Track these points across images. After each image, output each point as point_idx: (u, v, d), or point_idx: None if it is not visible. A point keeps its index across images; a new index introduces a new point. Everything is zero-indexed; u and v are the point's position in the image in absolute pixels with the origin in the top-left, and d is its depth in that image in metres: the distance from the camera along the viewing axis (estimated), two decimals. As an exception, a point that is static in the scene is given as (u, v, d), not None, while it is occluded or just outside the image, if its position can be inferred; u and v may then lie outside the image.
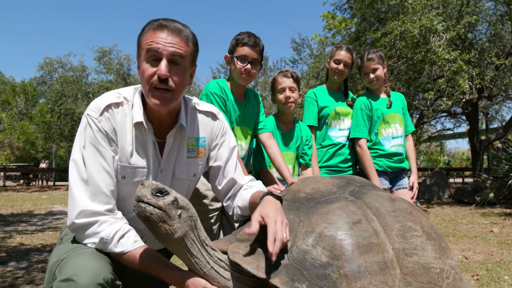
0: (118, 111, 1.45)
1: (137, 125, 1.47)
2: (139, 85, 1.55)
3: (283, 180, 2.38)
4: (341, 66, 2.85)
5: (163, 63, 1.38)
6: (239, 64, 2.23)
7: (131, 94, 1.51)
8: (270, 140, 2.40)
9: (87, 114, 1.41)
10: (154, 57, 1.39)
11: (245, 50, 2.22)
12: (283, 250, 1.29)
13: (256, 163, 2.55)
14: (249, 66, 2.23)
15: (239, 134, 2.33)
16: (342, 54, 2.85)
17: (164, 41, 1.38)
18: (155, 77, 1.38)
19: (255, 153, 2.57)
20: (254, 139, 2.52)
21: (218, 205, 2.16)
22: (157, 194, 1.18)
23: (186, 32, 1.45)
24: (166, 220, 1.18)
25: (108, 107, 1.43)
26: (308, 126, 2.83)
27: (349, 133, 2.93)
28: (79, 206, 1.32)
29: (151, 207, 1.16)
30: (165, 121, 1.53)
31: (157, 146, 1.52)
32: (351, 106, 2.98)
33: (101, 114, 1.41)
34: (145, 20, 1.47)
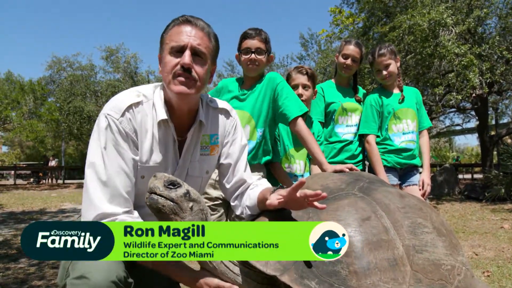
0: (139, 111, 1.44)
1: (161, 123, 1.46)
2: (158, 83, 1.55)
3: (294, 177, 2.37)
4: (349, 61, 2.79)
5: (187, 53, 1.40)
6: (243, 57, 2.34)
7: (150, 92, 1.50)
8: (298, 127, 2.20)
9: (108, 114, 1.38)
10: (178, 49, 1.41)
11: (247, 43, 2.34)
12: None
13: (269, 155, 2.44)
14: (253, 55, 2.31)
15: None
16: (351, 49, 2.79)
17: (189, 34, 1.42)
18: (178, 67, 1.40)
19: (272, 145, 2.45)
20: (262, 129, 2.35)
21: (216, 193, 2.22)
22: (170, 186, 1.19)
23: (209, 30, 1.49)
24: (178, 212, 1.19)
25: (129, 108, 1.41)
26: None
27: (357, 129, 2.88)
28: (97, 209, 1.29)
29: (163, 199, 1.17)
30: (184, 119, 1.53)
31: (177, 143, 1.52)
32: (359, 101, 2.93)
33: (123, 115, 1.39)
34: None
